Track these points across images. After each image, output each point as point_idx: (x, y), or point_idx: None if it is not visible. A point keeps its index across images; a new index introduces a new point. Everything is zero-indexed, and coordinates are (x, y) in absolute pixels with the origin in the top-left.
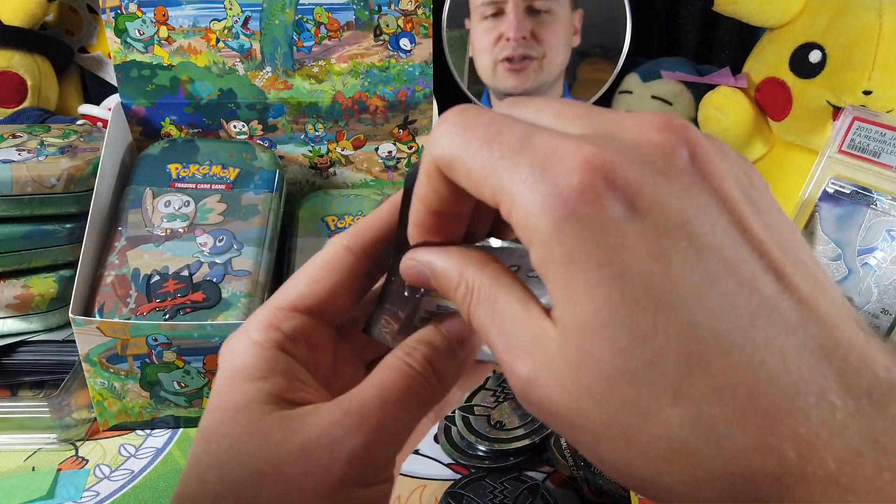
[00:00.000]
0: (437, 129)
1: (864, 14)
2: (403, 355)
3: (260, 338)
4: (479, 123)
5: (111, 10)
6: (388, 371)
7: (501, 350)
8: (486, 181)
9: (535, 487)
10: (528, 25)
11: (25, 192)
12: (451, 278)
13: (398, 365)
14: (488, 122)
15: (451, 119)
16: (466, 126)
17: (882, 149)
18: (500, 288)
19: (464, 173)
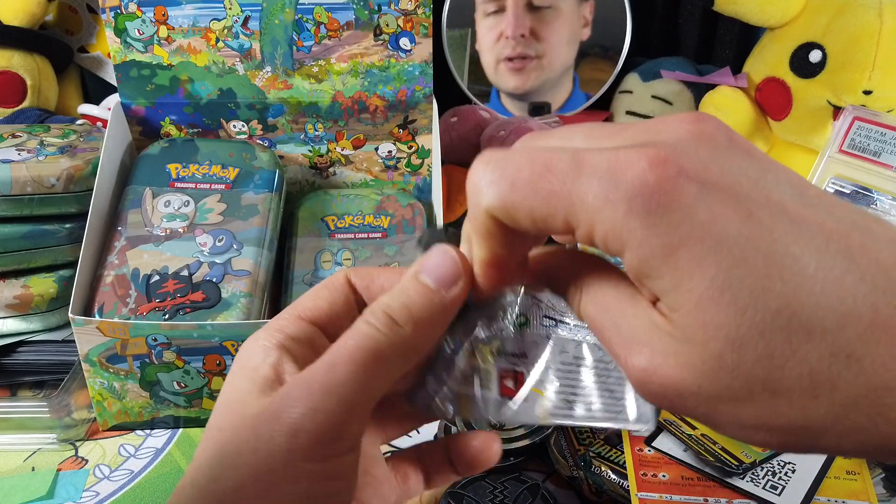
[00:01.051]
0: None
1: (864, 14)
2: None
3: (263, 338)
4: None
5: (111, 9)
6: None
7: (616, 345)
8: (554, 213)
9: (535, 487)
10: (527, 23)
11: (25, 192)
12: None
13: (356, 325)
14: (529, 159)
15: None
16: (508, 169)
17: (882, 148)
18: (607, 284)
19: (527, 214)
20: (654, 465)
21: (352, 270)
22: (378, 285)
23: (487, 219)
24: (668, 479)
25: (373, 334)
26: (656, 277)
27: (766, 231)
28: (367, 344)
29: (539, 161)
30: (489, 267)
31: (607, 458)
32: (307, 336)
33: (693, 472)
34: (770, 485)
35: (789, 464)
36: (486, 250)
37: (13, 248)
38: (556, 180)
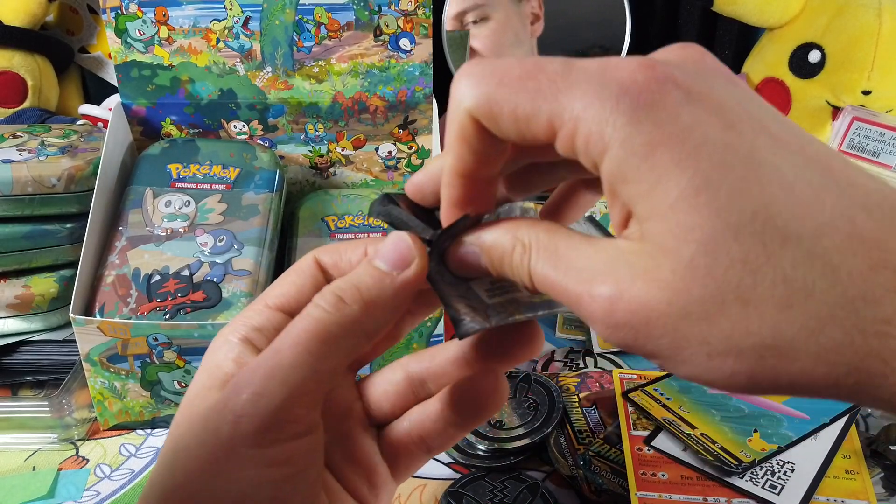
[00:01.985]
0: (462, 83)
1: (864, 14)
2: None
3: (228, 332)
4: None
5: (111, 10)
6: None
7: (573, 285)
8: (537, 112)
9: (535, 487)
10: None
11: (26, 192)
12: (504, 244)
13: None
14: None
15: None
16: (496, 70)
17: (881, 149)
18: (557, 235)
19: (509, 114)
20: (653, 464)
21: (320, 249)
22: (346, 260)
23: (467, 120)
24: (668, 478)
25: (318, 315)
26: (633, 180)
27: (747, 140)
28: (312, 325)
29: (529, 63)
30: (458, 178)
31: (607, 457)
32: (274, 324)
33: (692, 471)
34: (769, 484)
35: (788, 463)
36: (458, 159)
37: (14, 248)
38: (546, 79)
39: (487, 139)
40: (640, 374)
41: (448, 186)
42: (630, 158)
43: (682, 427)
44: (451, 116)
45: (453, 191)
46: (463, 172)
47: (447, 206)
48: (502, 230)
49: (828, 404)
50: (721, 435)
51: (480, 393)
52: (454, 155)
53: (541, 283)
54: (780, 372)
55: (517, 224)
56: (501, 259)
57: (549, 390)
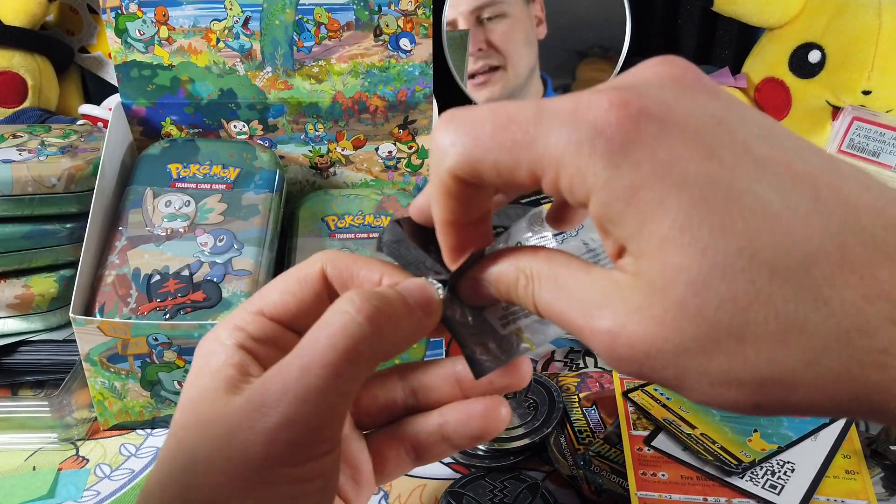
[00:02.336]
0: (440, 143)
1: (864, 14)
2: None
3: (225, 337)
4: (480, 119)
5: (111, 10)
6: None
7: (577, 318)
8: (518, 164)
9: (535, 487)
10: (480, 37)
11: (26, 192)
12: (509, 276)
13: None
14: (492, 113)
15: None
16: (468, 127)
17: (881, 148)
18: (557, 264)
19: (491, 168)
20: (653, 464)
21: (329, 261)
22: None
23: (450, 180)
24: (668, 478)
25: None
26: (620, 222)
27: (728, 169)
28: (344, 344)
29: (501, 114)
30: (451, 227)
31: (607, 457)
32: (269, 335)
33: (692, 471)
34: (769, 484)
35: (788, 463)
36: (447, 211)
37: (14, 248)
38: (519, 129)
39: (472, 190)
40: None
41: (443, 235)
42: (613, 203)
43: (682, 427)
44: (434, 175)
45: (449, 238)
46: (454, 221)
47: (447, 252)
48: (505, 263)
49: None
50: (721, 435)
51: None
52: (442, 208)
53: (545, 312)
54: (782, 400)
55: (518, 255)
56: (508, 290)
57: (549, 390)
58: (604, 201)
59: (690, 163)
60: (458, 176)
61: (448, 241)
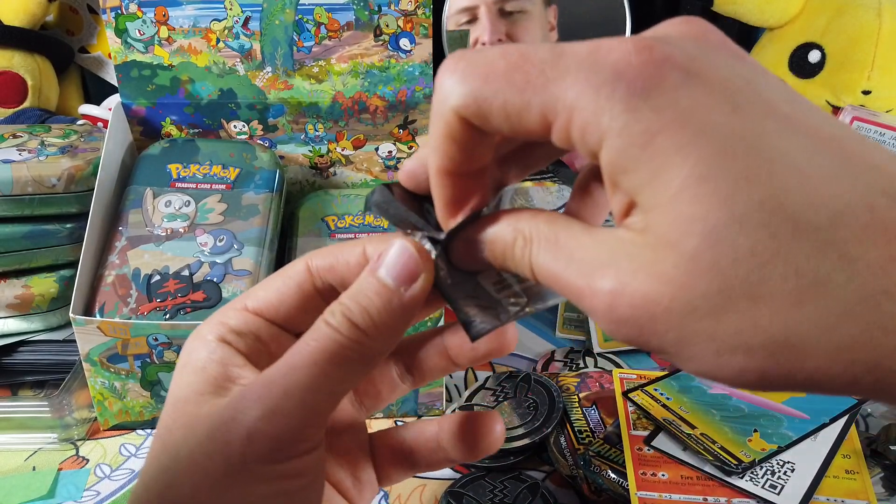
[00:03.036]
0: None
1: (864, 14)
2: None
3: (206, 333)
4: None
5: (111, 10)
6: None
7: (575, 278)
8: (529, 105)
9: (535, 487)
10: (502, 28)
11: (26, 192)
12: (506, 236)
13: (317, 325)
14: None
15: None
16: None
17: None
18: (557, 226)
19: (499, 108)
20: (653, 464)
21: (314, 254)
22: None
23: (454, 119)
24: (668, 478)
25: (333, 337)
26: (633, 170)
27: (754, 124)
28: (328, 346)
29: (514, 53)
30: (448, 177)
31: (607, 457)
32: (251, 328)
33: (692, 471)
34: (769, 484)
35: (788, 463)
36: (446, 158)
37: (14, 248)
38: (534, 69)
39: (475, 135)
40: (641, 374)
41: (438, 187)
42: (629, 148)
43: (682, 427)
44: (436, 115)
45: (445, 190)
46: (452, 171)
47: (441, 206)
48: (503, 223)
49: (828, 404)
50: (721, 435)
51: (479, 432)
52: (441, 154)
53: (542, 275)
54: (792, 369)
55: (518, 215)
56: (504, 252)
57: (549, 390)
58: (619, 146)
59: (714, 113)
60: (463, 116)
61: (443, 194)
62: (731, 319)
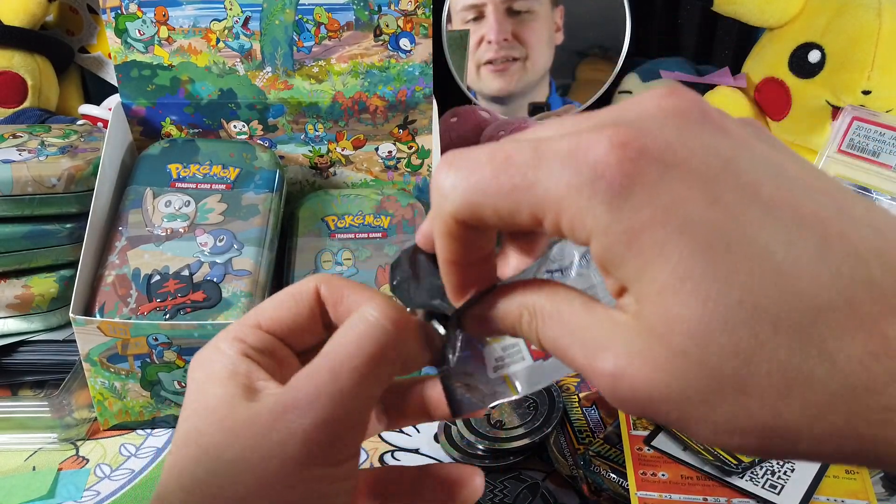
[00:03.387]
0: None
1: (864, 14)
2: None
3: (225, 347)
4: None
5: (111, 10)
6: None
7: (580, 358)
8: (518, 207)
9: (535, 487)
10: (508, 27)
11: (26, 192)
12: (513, 311)
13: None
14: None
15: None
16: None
17: (881, 148)
18: (560, 301)
19: (492, 211)
20: (653, 464)
21: (324, 281)
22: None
23: (452, 222)
24: (668, 478)
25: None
26: (620, 265)
27: (732, 215)
28: (370, 349)
29: (499, 156)
30: (455, 266)
31: (607, 457)
32: (267, 347)
33: (692, 471)
34: (769, 484)
35: (788, 463)
36: (450, 252)
37: (14, 248)
38: (518, 173)
39: (474, 232)
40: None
41: (447, 274)
42: (614, 246)
43: None
44: (436, 217)
45: (453, 277)
46: (457, 261)
47: (451, 290)
48: (509, 299)
49: None
50: None
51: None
52: (445, 249)
53: (550, 348)
54: (788, 449)
55: (522, 291)
56: (513, 326)
57: (549, 390)
58: (604, 244)
59: (693, 207)
60: (460, 219)
61: (452, 280)
62: (723, 408)
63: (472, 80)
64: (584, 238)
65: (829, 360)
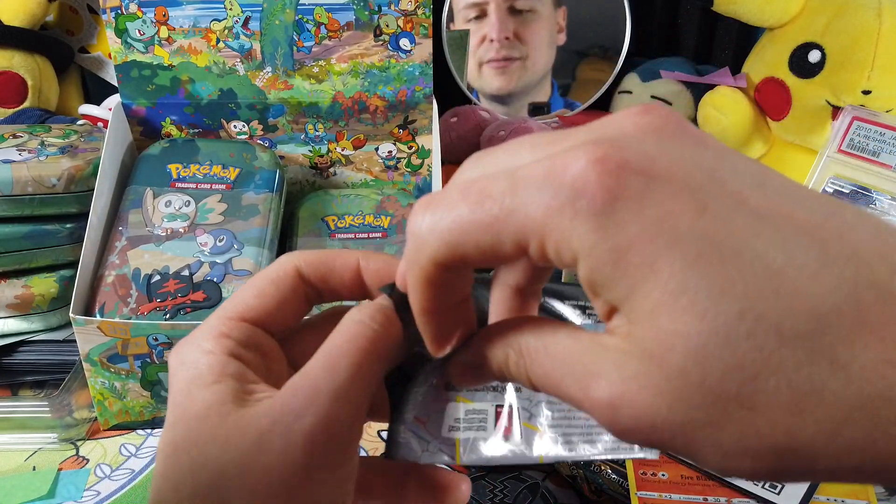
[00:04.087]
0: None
1: (864, 14)
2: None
3: (210, 346)
4: (453, 200)
5: (111, 10)
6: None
7: (574, 390)
8: (500, 238)
9: (535, 486)
10: (510, 26)
11: (26, 192)
12: (498, 355)
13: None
14: (462, 191)
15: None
16: (443, 210)
17: (881, 148)
18: (544, 335)
19: (473, 248)
20: (653, 463)
21: (302, 258)
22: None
23: (432, 268)
24: (668, 477)
25: (370, 334)
26: (610, 286)
27: (723, 224)
28: (366, 345)
29: (473, 191)
30: (432, 315)
31: None
32: (253, 340)
33: (692, 470)
34: (769, 483)
35: None
36: (427, 300)
37: (14, 248)
38: (495, 204)
39: (453, 275)
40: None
41: (424, 325)
42: (601, 267)
43: None
44: (413, 265)
45: (430, 327)
46: (434, 310)
47: (430, 341)
48: (494, 342)
49: None
50: None
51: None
52: (422, 297)
53: (542, 386)
54: (804, 469)
55: (504, 331)
56: (501, 370)
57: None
58: (591, 266)
59: (681, 219)
60: (441, 263)
61: (430, 331)
62: (731, 428)
63: (473, 78)
64: (569, 261)
65: (842, 371)
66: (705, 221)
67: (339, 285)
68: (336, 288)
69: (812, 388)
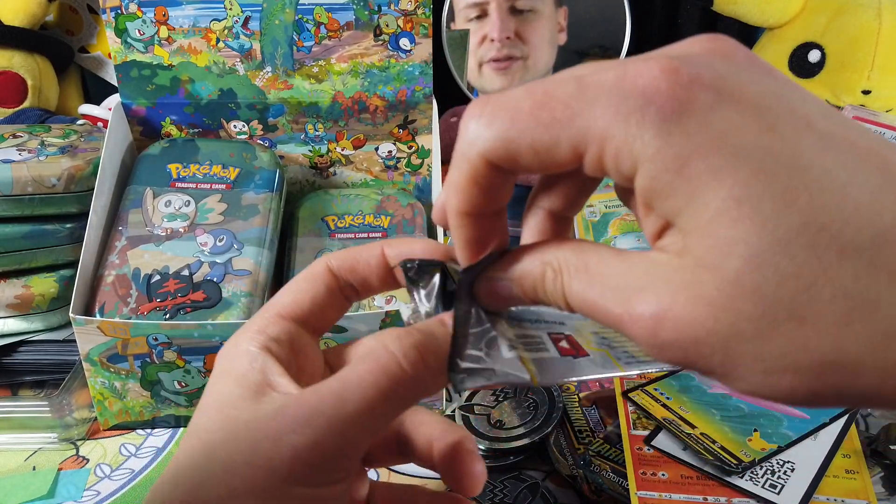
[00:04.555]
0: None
1: (863, 14)
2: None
3: (247, 342)
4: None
5: (111, 10)
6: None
7: (614, 306)
8: (558, 141)
9: (535, 486)
10: (511, 25)
11: (26, 192)
12: (534, 271)
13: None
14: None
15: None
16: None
17: None
18: (586, 253)
19: (528, 148)
20: (653, 463)
21: (331, 256)
22: (364, 262)
23: (481, 163)
24: (668, 477)
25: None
26: (669, 195)
27: (790, 143)
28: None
29: (539, 92)
30: (469, 218)
31: (607, 456)
32: (288, 336)
33: (692, 470)
34: (769, 483)
35: (788, 462)
36: (468, 201)
37: (14, 248)
38: (560, 105)
39: (500, 177)
40: (641, 374)
41: (459, 227)
42: (663, 174)
43: (682, 426)
44: (462, 160)
45: (465, 231)
46: (473, 212)
47: (462, 247)
48: (529, 257)
49: None
50: (721, 434)
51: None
52: (463, 197)
53: (578, 305)
54: (843, 388)
55: (543, 248)
56: (534, 287)
57: (549, 390)
58: (652, 173)
59: (748, 134)
60: (491, 160)
61: (463, 234)
62: (777, 341)
63: (474, 78)
64: (629, 168)
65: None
66: (773, 138)
67: (367, 272)
68: (365, 276)
69: (867, 300)
